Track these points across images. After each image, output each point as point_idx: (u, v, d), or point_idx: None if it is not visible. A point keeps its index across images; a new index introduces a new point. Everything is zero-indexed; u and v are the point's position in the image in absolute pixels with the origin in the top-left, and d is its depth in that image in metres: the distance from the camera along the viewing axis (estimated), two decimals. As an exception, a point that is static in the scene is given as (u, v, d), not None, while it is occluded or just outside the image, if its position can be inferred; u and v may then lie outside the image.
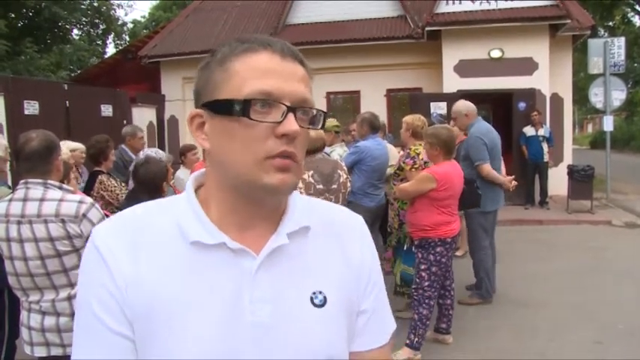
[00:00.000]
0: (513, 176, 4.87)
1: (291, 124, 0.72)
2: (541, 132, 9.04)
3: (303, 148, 0.77)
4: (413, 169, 4.02)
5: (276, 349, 0.73)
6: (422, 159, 4.07)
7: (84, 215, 2.15)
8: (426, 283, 3.64)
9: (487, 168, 4.56)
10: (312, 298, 0.77)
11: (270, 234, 0.78)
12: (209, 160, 0.80)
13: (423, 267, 3.66)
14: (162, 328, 0.70)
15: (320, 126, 0.79)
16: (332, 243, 0.83)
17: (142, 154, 4.31)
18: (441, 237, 3.62)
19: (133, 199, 3.03)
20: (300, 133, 0.74)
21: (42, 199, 2.14)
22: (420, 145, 4.19)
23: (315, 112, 0.77)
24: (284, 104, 0.72)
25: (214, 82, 0.75)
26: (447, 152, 3.69)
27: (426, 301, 3.63)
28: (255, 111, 0.72)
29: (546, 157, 9.12)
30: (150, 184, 2.75)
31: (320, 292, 0.78)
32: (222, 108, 0.74)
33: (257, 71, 0.73)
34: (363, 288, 0.84)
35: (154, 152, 4.19)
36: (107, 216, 2.51)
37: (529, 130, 9.13)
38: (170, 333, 0.70)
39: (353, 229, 0.88)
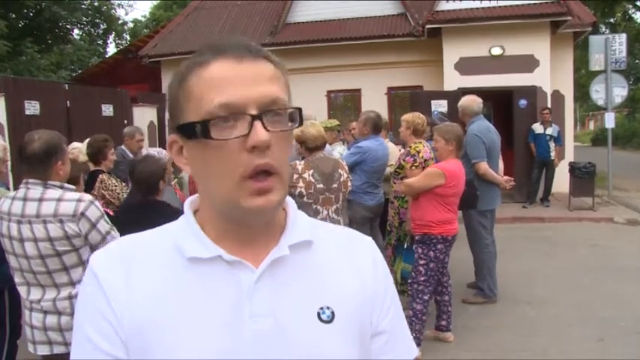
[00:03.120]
0: (512, 178, 4.84)
1: (259, 134, 0.66)
2: (549, 131, 8.99)
3: (283, 153, 0.71)
4: (413, 167, 4.01)
5: None
6: (422, 157, 4.07)
7: (82, 214, 2.15)
8: (422, 278, 3.67)
9: (484, 166, 4.54)
10: (319, 314, 0.74)
11: (271, 248, 0.75)
12: (196, 183, 0.77)
13: (421, 262, 3.69)
14: (158, 345, 0.69)
15: (297, 124, 0.72)
16: (343, 261, 0.80)
17: (143, 153, 4.30)
18: (443, 234, 3.64)
19: (129, 198, 3.03)
20: (271, 141, 0.67)
21: (41, 199, 2.15)
22: (420, 143, 4.18)
23: (289, 111, 0.71)
24: (248, 114, 0.67)
25: (178, 104, 0.72)
26: (459, 148, 3.75)
27: (420, 295, 3.66)
28: (218, 129, 0.67)
29: (552, 156, 9.07)
30: (145, 183, 2.72)
31: (328, 308, 0.74)
32: (187, 132, 0.70)
33: (212, 84, 0.68)
34: (379, 308, 0.81)
35: (157, 152, 4.17)
36: (108, 213, 2.51)
37: (538, 128, 9.09)
38: (166, 349, 0.69)
39: (365, 250, 0.84)
